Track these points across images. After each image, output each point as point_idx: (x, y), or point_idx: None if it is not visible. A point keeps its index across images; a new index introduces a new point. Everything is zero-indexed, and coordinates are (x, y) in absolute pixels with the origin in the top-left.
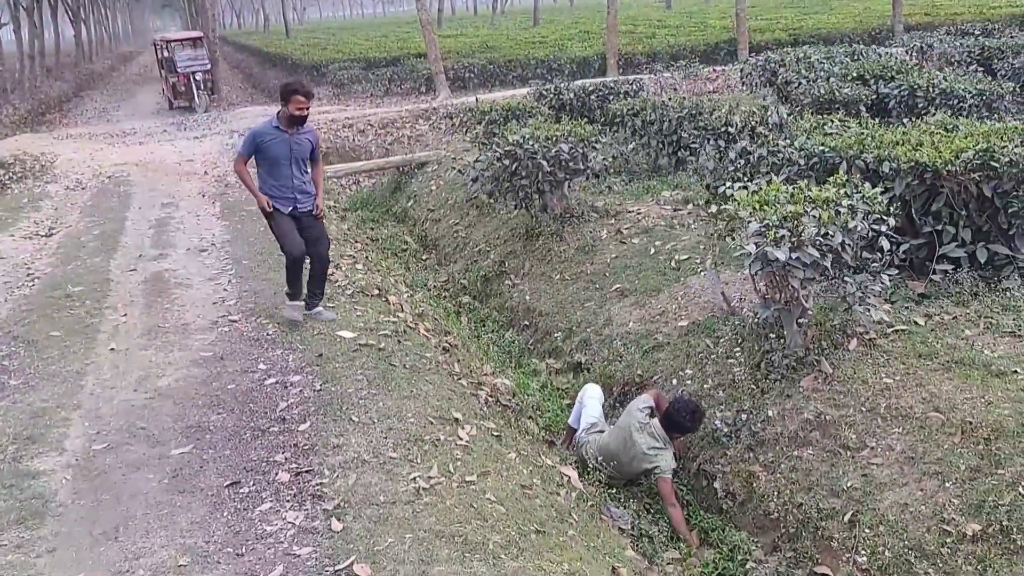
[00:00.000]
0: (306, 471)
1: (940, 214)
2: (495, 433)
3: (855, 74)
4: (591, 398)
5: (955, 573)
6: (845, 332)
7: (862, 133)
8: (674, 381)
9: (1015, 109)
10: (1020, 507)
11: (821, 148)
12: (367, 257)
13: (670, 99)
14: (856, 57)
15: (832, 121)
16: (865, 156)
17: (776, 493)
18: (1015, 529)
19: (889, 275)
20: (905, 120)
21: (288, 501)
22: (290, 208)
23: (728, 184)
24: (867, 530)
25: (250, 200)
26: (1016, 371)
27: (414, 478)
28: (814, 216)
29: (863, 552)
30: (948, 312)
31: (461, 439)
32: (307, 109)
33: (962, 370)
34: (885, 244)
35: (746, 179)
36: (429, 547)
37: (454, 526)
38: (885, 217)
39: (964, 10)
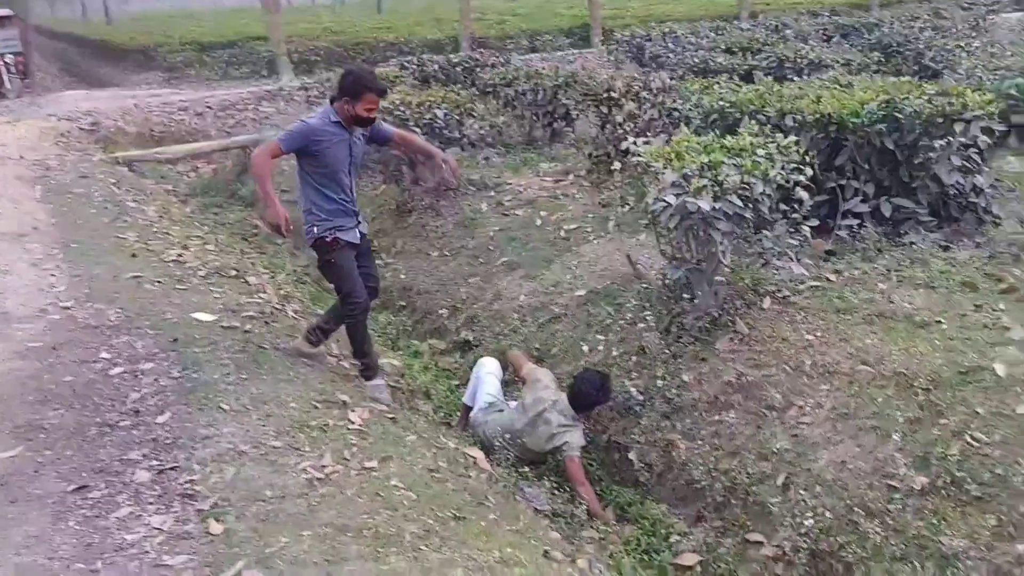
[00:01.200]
0: (171, 468)
1: (843, 169)
2: (389, 415)
3: (723, 47)
4: (488, 373)
5: (905, 529)
6: (756, 291)
7: (758, 89)
8: (585, 348)
9: (880, 78)
10: (970, 457)
11: (720, 103)
12: (217, 239)
13: (543, 68)
14: (720, 32)
15: (719, 83)
16: (767, 110)
17: (698, 461)
18: (968, 479)
19: (810, 226)
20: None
21: (151, 503)
22: (355, 233)
23: (631, 140)
24: (803, 491)
25: (76, 183)
26: (940, 321)
27: (304, 468)
28: (734, 165)
29: (801, 515)
30: (857, 268)
31: (353, 423)
32: (377, 109)
33: (884, 323)
34: (804, 195)
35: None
36: (334, 544)
37: (361, 518)
38: (802, 167)
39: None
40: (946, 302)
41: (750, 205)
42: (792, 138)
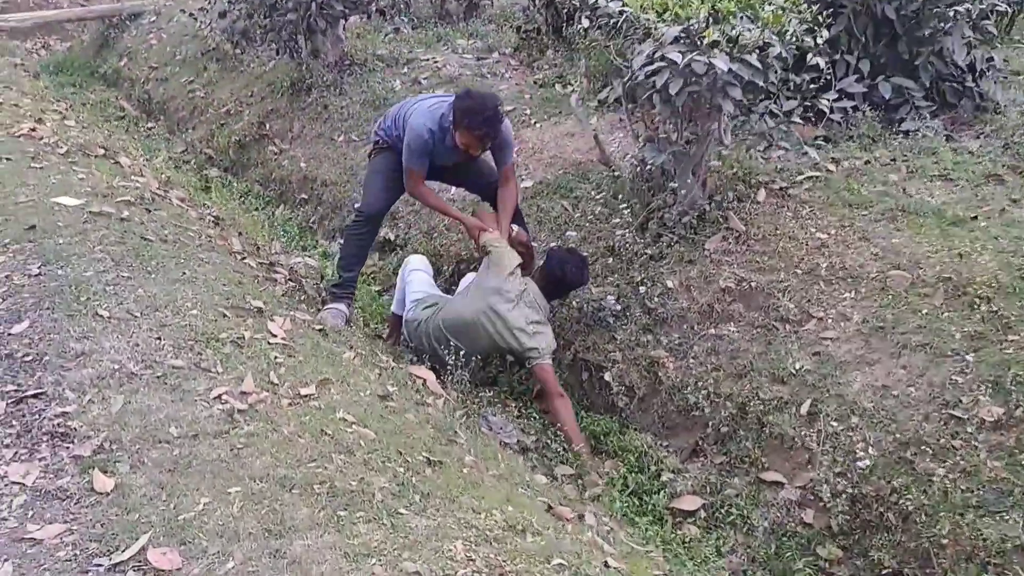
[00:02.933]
0: (33, 395)
1: (837, 42)
2: (317, 327)
3: None
4: (415, 270)
5: (978, 470)
6: (747, 182)
7: None
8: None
9: None
10: None
11: None
12: (79, 117)
13: None
14: None
15: None
16: None
17: (693, 383)
18: None
19: (831, 100)
20: None
21: (7, 447)
22: None
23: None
24: (835, 423)
25: None
26: (976, 217)
27: (220, 396)
28: (748, 18)
29: (837, 452)
30: (856, 156)
31: (275, 336)
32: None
33: (910, 219)
34: (820, 62)
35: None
36: (275, 506)
37: (308, 467)
38: (816, 28)
39: None
40: (974, 196)
41: (765, 71)
42: None
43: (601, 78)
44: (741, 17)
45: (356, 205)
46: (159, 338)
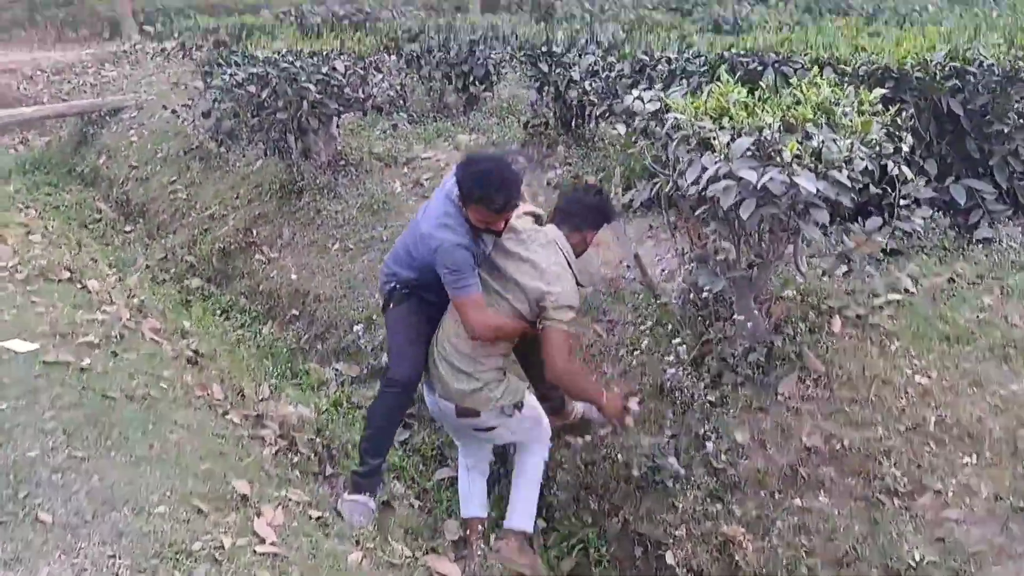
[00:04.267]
0: None
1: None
2: (313, 513)
3: (650, 5)
4: None
5: None
6: (816, 308)
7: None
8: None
9: None
10: None
11: (732, 51)
12: (48, 227)
13: (457, 20)
14: None
15: (691, 34)
16: (796, 60)
17: (781, 572)
18: None
19: (922, 216)
20: None
21: None
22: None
23: (632, 95)
24: None
25: None
26: None
27: None
28: (828, 126)
29: None
30: (936, 273)
31: (264, 540)
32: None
33: None
34: (907, 172)
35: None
36: None
37: None
38: (899, 134)
39: None
40: None
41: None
42: (878, 91)
43: (623, 180)
44: (820, 125)
45: (386, 373)
46: (113, 556)
